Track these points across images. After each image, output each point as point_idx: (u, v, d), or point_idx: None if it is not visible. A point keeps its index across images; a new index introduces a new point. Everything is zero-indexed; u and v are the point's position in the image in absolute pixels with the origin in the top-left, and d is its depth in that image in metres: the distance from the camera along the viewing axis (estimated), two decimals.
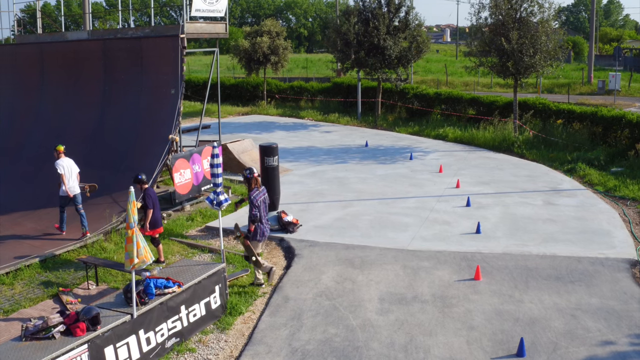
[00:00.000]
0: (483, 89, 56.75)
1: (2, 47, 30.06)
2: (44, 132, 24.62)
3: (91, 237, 17.72)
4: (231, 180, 24.19)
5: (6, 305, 14.25)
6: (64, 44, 26.37)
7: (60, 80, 25.42)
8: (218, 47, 24.38)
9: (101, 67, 23.96)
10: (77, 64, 24.84)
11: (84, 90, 24.30)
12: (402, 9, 39.20)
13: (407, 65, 40.40)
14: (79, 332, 10.53)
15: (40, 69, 26.37)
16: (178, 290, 12.31)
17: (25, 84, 26.80)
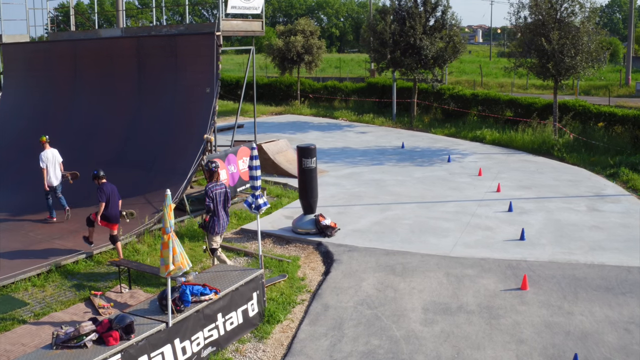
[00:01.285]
0: (519, 90, 55.87)
1: (36, 45, 29.90)
2: (76, 130, 24.36)
3: (124, 239, 17.32)
4: (266, 181, 23.74)
5: (37, 308, 13.93)
6: (98, 42, 26.12)
7: (93, 77, 25.18)
8: (255, 45, 23.90)
9: (135, 65, 23.64)
10: (111, 62, 24.56)
11: (118, 88, 24.02)
12: (439, 9, 38.54)
13: (443, 66, 39.74)
14: (112, 341, 10.09)
15: (73, 67, 26.15)
16: (215, 297, 11.82)
17: (59, 81, 26.61)
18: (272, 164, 24.63)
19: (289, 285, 14.98)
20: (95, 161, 22.32)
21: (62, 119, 25.38)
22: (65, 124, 25.07)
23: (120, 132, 22.97)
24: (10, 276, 15.30)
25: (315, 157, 18.57)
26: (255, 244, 17.59)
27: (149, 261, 16.07)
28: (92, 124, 24.03)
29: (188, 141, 20.29)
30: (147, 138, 21.88)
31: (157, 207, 18.80)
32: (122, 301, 14.06)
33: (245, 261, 16.52)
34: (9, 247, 17.60)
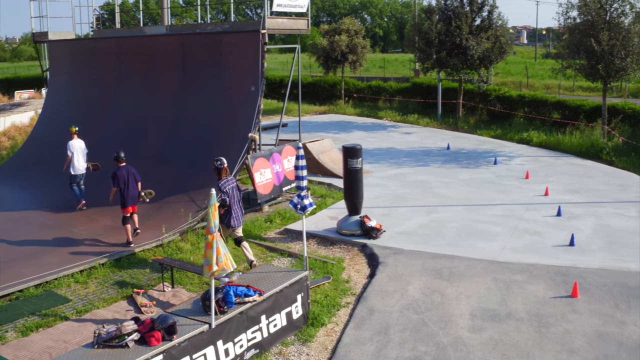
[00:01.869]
0: (565, 92, 55.00)
1: (82, 42, 30.08)
2: (121, 126, 24.41)
3: (167, 237, 17.22)
4: (310, 181, 23.52)
5: (79, 305, 13.89)
6: (142, 39, 26.18)
7: (137, 74, 25.23)
8: (300, 43, 23.69)
9: (179, 62, 23.60)
10: (155, 59, 24.57)
11: (162, 85, 24.01)
12: (485, 8, 37.97)
13: (489, 66, 39.20)
14: (154, 342, 9.95)
15: (117, 64, 26.23)
16: (259, 299, 11.61)
17: (103, 78, 26.72)
18: (316, 164, 24.41)
19: (334, 287, 14.74)
20: (139, 158, 22.31)
21: (107, 116, 25.46)
22: (110, 120, 25.14)
23: (164, 130, 22.94)
24: (53, 272, 15.30)
25: (361, 158, 18.32)
26: (299, 245, 17.37)
27: (192, 260, 15.95)
28: (136, 120, 24.05)
29: (232, 139, 20.18)
30: (191, 136, 21.81)
31: (200, 206, 18.68)
32: (164, 300, 13.94)
33: (289, 262, 16.32)
34: (52, 243, 17.63)
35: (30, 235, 18.59)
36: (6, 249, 17.40)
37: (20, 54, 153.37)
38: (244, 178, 23.22)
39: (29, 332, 12.75)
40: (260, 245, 17.51)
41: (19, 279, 15.01)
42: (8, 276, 15.24)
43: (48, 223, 19.58)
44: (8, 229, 19.30)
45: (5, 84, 68.14)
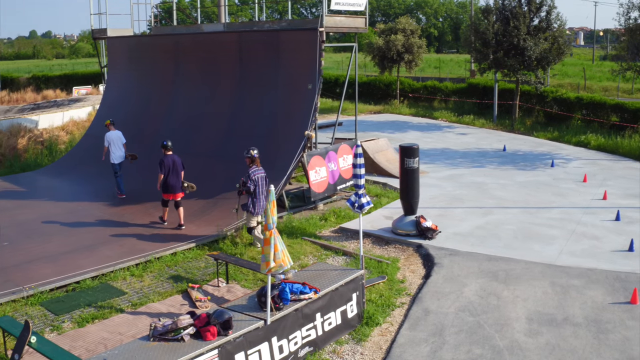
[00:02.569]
0: (624, 95, 53.93)
1: (140, 38, 30.39)
2: (177, 122, 24.59)
3: (222, 233, 17.29)
4: (366, 180, 23.34)
5: (135, 298, 14.02)
6: (200, 36, 26.33)
7: (194, 71, 25.38)
8: (357, 42, 23.59)
9: (236, 60, 23.68)
10: (212, 56, 24.69)
11: (218, 82, 24.10)
12: (543, 8, 37.35)
13: (547, 68, 38.59)
14: (209, 336, 9.96)
15: (175, 60, 26.43)
16: (314, 296, 11.56)
17: (160, 74, 26.94)
18: (371, 163, 24.29)
19: (389, 287, 14.64)
20: (195, 154, 22.51)
21: (163, 112, 25.68)
22: (166, 116, 25.35)
23: (220, 126, 23.04)
24: (109, 265, 15.51)
25: (418, 157, 18.18)
26: (353, 244, 17.30)
27: (247, 256, 15.98)
28: (192, 117, 24.21)
29: (288, 137, 20.17)
30: (247, 133, 21.85)
31: None
32: (219, 295, 13.99)
33: (343, 260, 16.25)
34: (109, 236, 17.84)
35: (88, 228, 18.86)
36: (64, 241, 17.67)
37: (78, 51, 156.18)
38: (299, 176, 23.21)
39: (85, 323, 12.91)
40: (315, 243, 17.47)
41: (76, 271, 15.24)
42: (65, 268, 15.49)
43: (105, 216, 19.83)
44: (66, 221, 19.60)
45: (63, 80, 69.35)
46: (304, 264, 15.80)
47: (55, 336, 12.40)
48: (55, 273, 15.09)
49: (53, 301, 13.93)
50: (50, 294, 14.31)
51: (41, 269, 15.52)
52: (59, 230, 18.67)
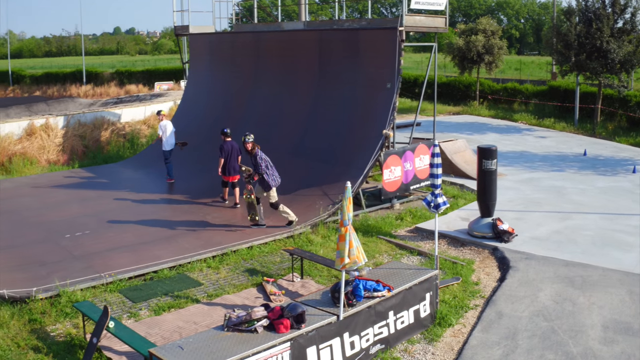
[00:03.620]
0: None
1: (221, 35, 30.81)
2: (257, 119, 24.85)
3: (298, 228, 17.43)
4: (443, 181, 23.15)
5: (210, 290, 14.25)
6: (280, 34, 26.55)
7: (274, 68, 25.61)
8: (437, 42, 23.45)
9: (316, 58, 23.80)
10: (292, 54, 24.87)
11: (298, 79, 24.28)
12: (628, 10, 36.32)
13: (631, 71, 37.57)
14: (282, 329, 10.07)
15: (255, 58, 26.71)
16: (388, 294, 11.56)
17: (241, 71, 27.27)
18: (449, 164, 24.13)
19: (462, 289, 14.53)
20: (273, 150, 22.68)
21: (243, 108, 25.98)
22: (246, 112, 25.65)
23: (299, 123, 23.20)
24: (187, 256, 15.80)
25: (496, 159, 17.97)
26: (428, 244, 17.23)
27: (322, 252, 16.06)
28: (272, 114, 24.45)
29: (366, 135, 20.18)
30: (326, 130, 21.96)
31: (333, 200, 18.80)
32: (293, 290, 14.11)
33: (418, 260, 16.19)
34: (187, 228, 18.16)
35: (167, 219, 19.26)
36: (143, 231, 18.11)
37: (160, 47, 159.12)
38: (376, 175, 23.20)
39: (161, 311, 13.22)
40: (390, 242, 17.45)
41: (154, 261, 15.60)
42: (144, 257, 15.88)
43: (184, 209, 20.21)
44: (146, 212, 20.07)
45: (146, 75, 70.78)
46: (378, 262, 15.81)
47: (132, 322, 12.72)
48: (134, 262, 15.49)
49: (131, 289, 14.29)
50: (129, 282, 14.69)
51: (120, 257, 15.95)
52: (139, 221, 19.13)
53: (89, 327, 12.11)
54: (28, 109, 47.59)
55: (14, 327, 12.58)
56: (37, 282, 14.27)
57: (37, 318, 12.94)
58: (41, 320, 12.87)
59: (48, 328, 12.63)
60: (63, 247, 16.94)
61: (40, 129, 31.07)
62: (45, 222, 19.31)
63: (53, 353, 11.63)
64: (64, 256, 16.30)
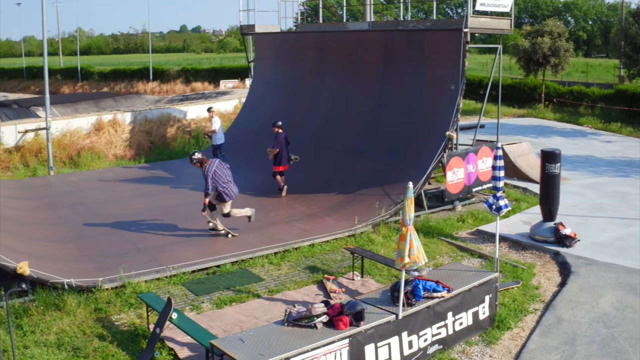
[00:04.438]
0: None
1: (286, 35, 31.07)
2: (320, 118, 25.03)
3: (360, 228, 17.55)
4: (505, 184, 23.08)
5: (271, 285, 14.46)
6: (345, 34, 26.66)
7: (339, 68, 25.73)
8: (502, 43, 23.30)
9: (381, 58, 23.87)
10: (357, 54, 24.97)
11: (362, 79, 24.37)
12: None
13: None
14: (341, 326, 10.21)
15: (320, 57, 26.88)
16: (447, 295, 11.62)
17: (305, 70, 27.46)
18: (512, 167, 23.95)
19: (522, 292, 14.46)
20: (336, 149, 22.90)
21: (307, 107, 26.18)
22: (310, 112, 25.84)
23: (362, 123, 23.28)
24: (249, 252, 16.07)
25: (560, 163, 17.80)
26: (489, 247, 17.18)
27: (383, 252, 16.15)
28: (335, 113, 24.58)
29: (429, 137, 20.17)
30: (389, 131, 22.01)
31: (394, 200, 18.85)
32: (353, 288, 14.23)
33: (478, 263, 16.16)
34: (250, 224, 18.41)
35: None
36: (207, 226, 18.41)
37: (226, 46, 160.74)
38: (439, 176, 23.16)
39: (223, 305, 13.50)
40: (451, 244, 17.45)
41: (217, 255, 15.90)
42: (207, 252, 16.22)
43: (247, 205, 20.44)
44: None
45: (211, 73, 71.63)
46: (438, 263, 15.83)
47: (195, 315, 13.01)
48: (197, 256, 15.83)
49: (194, 282, 14.60)
50: (192, 275, 15.02)
51: (184, 251, 16.30)
52: (202, 216, 19.44)
53: (152, 317, 12.46)
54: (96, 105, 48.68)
55: (80, 315, 13.01)
56: (103, 273, 14.72)
57: (103, 307, 13.35)
58: (106, 310, 13.28)
59: (113, 317, 13.03)
60: (129, 240, 17.39)
61: (108, 125, 31.81)
62: (111, 215, 19.82)
63: (117, 342, 11.99)
64: (130, 248, 16.74)
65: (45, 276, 13.84)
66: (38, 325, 12.59)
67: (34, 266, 13.86)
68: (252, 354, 9.47)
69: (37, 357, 11.29)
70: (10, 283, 13.52)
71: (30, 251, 15.75)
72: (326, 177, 21.89)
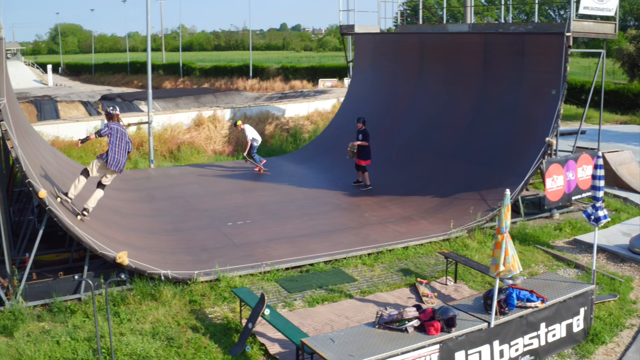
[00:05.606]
0: None
1: (385, 36, 31.06)
2: (418, 119, 24.94)
3: (454, 232, 17.44)
4: (605, 193, 22.45)
5: (364, 286, 14.54)
6: (444, 36, 26.47)
7: (438, 71, 25.57)
8: (605, 48, 22.71)
9: (480, 61, 23.60)
10: (456, 56, 24.76)
11: (462, 82, 24.15)
12: None
13: None
14: (432, 331, 10.24)
15: (419, 59, 26.76)
16: (541, 305, 11.46)
17: (405, 71, 27.38)
18: (612, 176, 23.30)
19: (619, 306, 14.10)
20: (433, 152, 22.79)
21: (405, 108, 26.10)
22: (408, 113, 25.76)
23: (460, 126, 23.07)
24: (343, 252, 16.18)
25: None
26: (586, 257, 16.79)
27: (477, 258, 16.00)
28: (433, 115, 24.43)
29: (528, 142, 19.83)
30: (487, 135, 21.74)
31: (490, 205, 18.61)
32: (445, 293, 14.18)
33: (574, 273, 15.82)
34: (344, 224, 18.54)
35: (325, 214, 19.73)
36: (301, 224, 18.66)
37: (325, 44, 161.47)
38: (537, 183, 22.77)
39: (315, 303, 13.66)
40: (547, 253, 17.13)
41: (310, 254, 16.08)
42: (301, 249, 16.41)
43: (342, 205, 20.61)
44: (305, 206, 20.64)
45: (310, 71, 72.20)
46: (533, 272, 15.58)
47: (287, 312, 13.21)
48: (292, 253, 16.04)
49: (287, 279, 14.82)
50: (285, 272, 15.23)
51: (279, 248, 16.54)
52: (298, 214, 19.71)
53: (245, 312, 12.72)
54: (196, 100, 49.79)
55: (175, 306, 13.39)
56: (199, 266, 15.11)
57: (197, 300, 13.71)
58: (200, 302, 13.62)
59: (206, 310, 13.36)
60: (225, 234, 17.76)
61: (208, 120, 32.48)
62: (209, 210, 20.25)
63: (210, 334, 12.30)
64: (225, 243, 17.09)
65: (143, 266, 14.29)
66: (134, 314, 13.05)
67: (132, 256, 14.30)
68: (342, 355, 9.58)
69: (132, 345, 11.69)
70: (109, 271, 14.03)
71: (129, 241, 16.27)
72: (422, 179, 21.79)
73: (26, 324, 12.72)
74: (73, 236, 14.03)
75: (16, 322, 12.67)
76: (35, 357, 11.43)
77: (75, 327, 12.56)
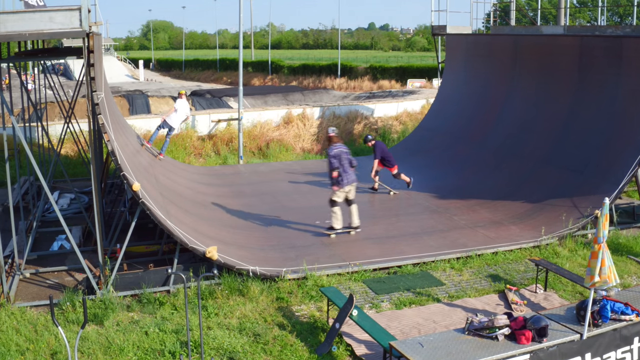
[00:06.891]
0: None
1: (478, 37, 30.71)
2: (509, 122, 24.57)
3: (545, 239, 17.11)
4: None
5: (452, 291, 14.44)
6: (538, 38, 25.98)
7: (531, 73, 25.12)
8: None
9: (575, 65, 23.06)
10: (551, 59, 24.27)
11: (556, 86, 23.65)
12: None
13: None
14: (523, 340, 10.06)
15: (512, 61, 26.34)
16: (636, 319, 11.11)
17: (497, 74, 27.01)
18: None
19: None
20: (523, 156, 22.41)
21: (497, 110, 25.73)
22: (499, 115, 25.40)
23: (553, 131, 22.59)
24: (431, 255, 16.12)
25: None
26: None
27: (568, 266, 15.66)
28: (525, 119, 24.01)
29: (624, 149, 19.29)
30: (581, 140, 21.20)
31: (582, 212, 18.18)
32: (535, 301, 13.94)
33: None
34: (433, 227, 18.41)
35: (413, 216, 19.64)
36: (390, 226, 18.64)
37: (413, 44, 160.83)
38: (630, 191, 22.16)
39: (402, 306, 13.62)
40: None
41: (399, 255, 16.06)
42: (390, 251, 16.40)
43: (431, 207, 20.46)
44: (394, 207, 20.62)
45: (399, 71, 71.96)
46: (626, 283, 15.11)
47: (374, 313, 13.22)
48: (380, 254, 16.05)
49: (375, 280, 14.82)
50: (373, 273, 15.26)
51: (367, 248, 16.58)
52: (386, 215, 19.68)
53: (332, 312, 12.78)
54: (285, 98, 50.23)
55: (262, 303, 13.57)
56: (287, 263, 15.27)
57: (284, 297, 13.85)
58: (288, 300, 13.76)
59: (293, 308, 13.48)
60: (313, 233, 17.90)
61: (297, 118, 32.74)
62: (297, 207, 20.42)
63: (296, 332, 12.41)
64: (313, 241, 17.22)
65: (232, 262, 14.51)
66: (222, 309, 13.27)
67: (221, 251, 14.55)
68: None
69: (219, 339, 11.88)
70: (197, 265, 14.31)
71: (218, 236, 16.54)
72: (513, 184, 21.42)
73: (116, 314, 13.11)
74: (164, 229, 14.36)
75: (106, 311, 13.07)
76: (124, 346, 11.73)
77: (164, 319, 12.86)
